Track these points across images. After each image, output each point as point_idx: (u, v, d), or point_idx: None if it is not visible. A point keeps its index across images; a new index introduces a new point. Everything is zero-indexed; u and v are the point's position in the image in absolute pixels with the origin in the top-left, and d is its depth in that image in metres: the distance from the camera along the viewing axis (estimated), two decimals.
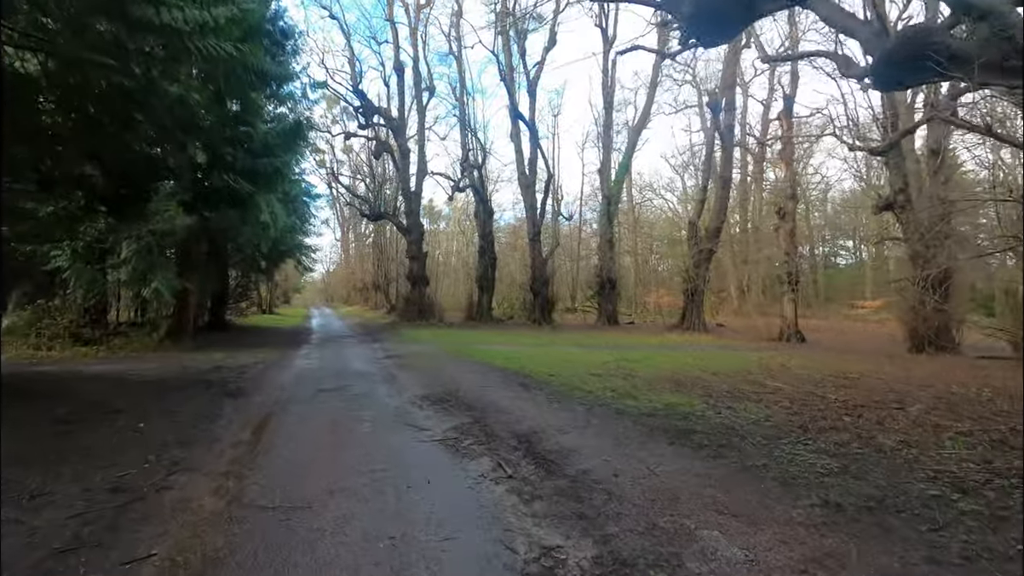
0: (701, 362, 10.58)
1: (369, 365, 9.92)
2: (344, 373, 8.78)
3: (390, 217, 27.03)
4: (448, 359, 10.57)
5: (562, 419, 5.20)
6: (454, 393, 6.71)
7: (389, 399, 6.49)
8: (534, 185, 26.90)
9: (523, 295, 30.77)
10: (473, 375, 8.25)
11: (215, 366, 9.90)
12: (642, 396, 6.36)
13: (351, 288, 51.96)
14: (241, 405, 6.17)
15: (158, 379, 8.16)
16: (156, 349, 12.88)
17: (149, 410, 5.81)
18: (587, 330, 22.70)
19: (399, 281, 35.96)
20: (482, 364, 9.62)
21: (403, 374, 8.54)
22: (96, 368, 9.45)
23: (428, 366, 9.49)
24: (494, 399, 6.24)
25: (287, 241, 18.74)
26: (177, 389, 7.24)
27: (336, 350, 13.06)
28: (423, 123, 25.20)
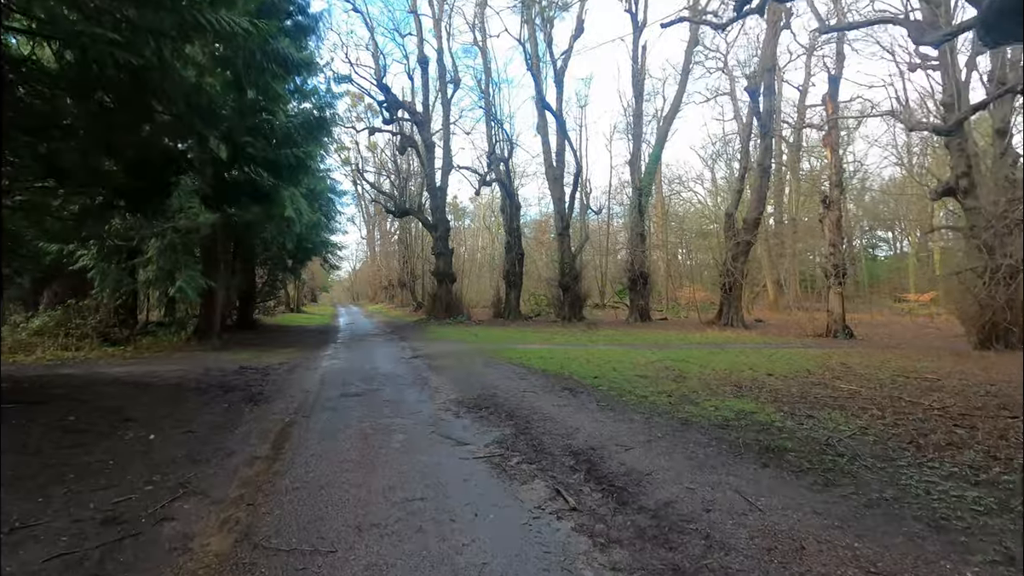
0: (752, 361, 9.74)
1: (397, 366, 9.38)
2: (372, 375, 8.25)
3: (415, 213, 26.60)
4: (480, 359, 9.96)
5: (620, 431, 4.50)
6: (491, 398, 6.07)
7: (421, 405, 5.89)
8: (562, 178, 26.11)
9: (552, 291, 30.04)
10: (510, 377, 7.61)
11: (239, 367, 9.51)
12: (704, 402, 5.61)
13: (377, 286, 52.02)
14: (261, 413, 5.66)
15: (178, 382, 7.76)
16: (182, 349, 12.64)
17: (163, 419, 5.34)
18: (620, 327, 21.85)
19: (425, 278, 35.63)
20: (518, 365, 8.97)
21: (434, 376, 7.95)
22: (118, 370, 9.15)
23: (460, 367, 8.89)
24: (538, 406, 5.58)
25: (312, 238, 18.43)
26: (196, 394, 6.80)
27: (363, 350, 12.60)
28: (448, 117, 24.67)
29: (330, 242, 21.62)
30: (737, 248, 21.92)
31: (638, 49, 24.96)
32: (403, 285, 36.98)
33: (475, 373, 8.13)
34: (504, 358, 9.97)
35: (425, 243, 37.57)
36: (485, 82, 25.92)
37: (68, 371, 9.07)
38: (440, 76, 24.51)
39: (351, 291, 74.19)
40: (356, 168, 27.33)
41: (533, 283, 33.60)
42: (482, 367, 8.85)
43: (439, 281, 24.23)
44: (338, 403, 6.06)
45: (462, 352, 11.37)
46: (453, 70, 24.99)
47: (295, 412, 5.65)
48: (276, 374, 8.64)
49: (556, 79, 25.32)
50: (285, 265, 21.90)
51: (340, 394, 6.64)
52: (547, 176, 26.46)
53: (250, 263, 20.08)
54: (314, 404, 6.04)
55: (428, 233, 38.70)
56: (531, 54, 24.26)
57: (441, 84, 24.65)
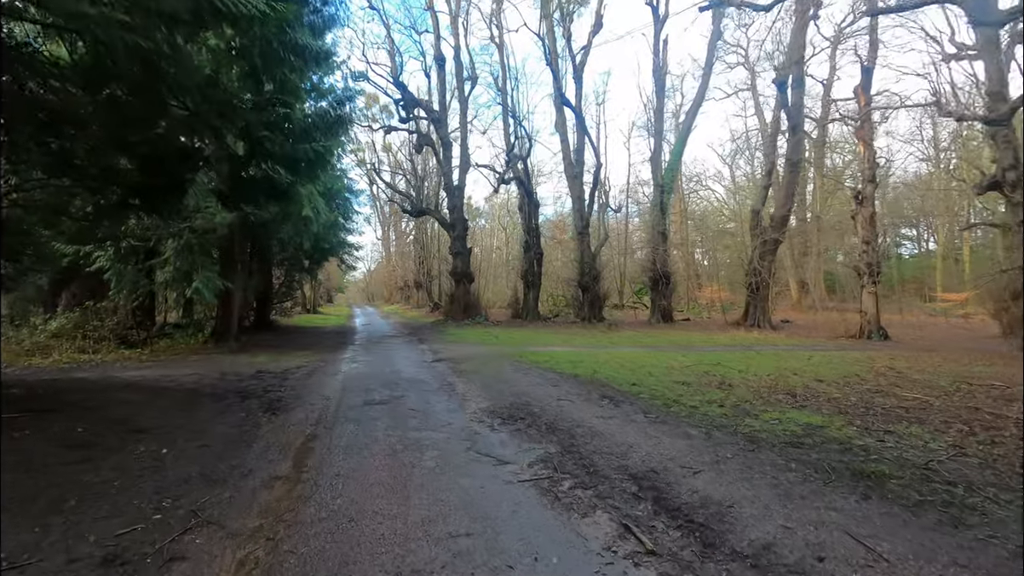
0: (792, 365, 9.15)
1: (420, 370, 8.96)
2: (394, 380, 7.84)
3: (432, 213, 26.25)
4: (506, 363, 9.50)
5: (679, 449, 4.01)
6: (526, 408, 5.61)
7: (451, 415, 5.45)
8: (581, 176, 25.59)
9: (571, 291, 29.50)
10: (542, 383, 7.14)
11: (256, 371, 9.18)
12: (762, 414, 5.08)
13: (392, 287, 51.91)
14: (280, 423, 5.26)
15: (194, 387, 7.43)
16: (199, 351, 12.39)
17: (176, 430, 4.97)
18: (642, 327, 21.27)
19: (441, 278, 35.32)
20: (547, 370, 8.49)
21: (460, 382, 7.51)
22: (133, 374, 8.87)
23: (486, 371, 8.45)
24: (579, 417, 5.10)
25: (329, 238, 18.17)
26: (212, 400, 6.44)
27: (382, 352, 12.22)
28: (465, 114, 24.27)
29: (347, 242, 21.36)
30: (764, 246, 21.22)
31: (659, 43, 24.35)
32: (419, 286, 36.72)
33: (503, 378, 7.68)
34: (530, 361, 9.50)
35: (441, 243, 37.28)
36: (502, 79, 25.50)
37: (82, 375, 8.81)
38: (457, 73, 24.16)
39: (366, 292, 74.33)
40: (372, 167, 27.10)
41: (551, 283, 33.09)
42: (509, 371, 8.39)
43: (457, 281, 23.85)
44: (362, 413, 5.65)
45: (485, 355, 10.93)
46: (470, 67, 24.62)
47: (316, 423, 5.24)
48: (294, 379, 8.27)
49: (575, 75, 24.81)
50: (302, 266, 21.70)
51: (363, 402, 6.23)
52: (566, 174, 25.96)
53: (267, 264, 19.89)
54: (336, 413, 5.63)
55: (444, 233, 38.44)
56: (550, 49, 23.77)
57: (458, 81, 24.29)
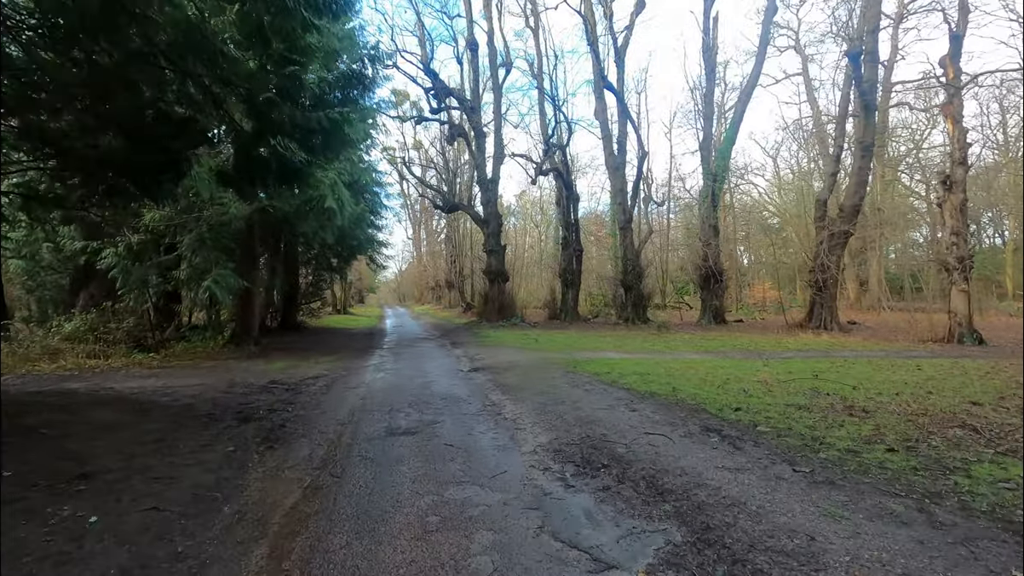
0: (906, 377, 7.38)
1: (456, 382, 7.53)
2: (425, 397, 6.42)
3: (465, 208, 24.91)
4: (557, 373, 7.98)
5: (900, 544, 2.41)
6: (605, 446, 4.08)
7: (502, 456, 3.97)
8: (623, 167, 23.81)
9: (612, 290, 27.72)
10: (612, 404, 5.58)
11: (269, 382, 7.94)
12: (973, 468, 3.41)
13: (424, 287, 51.04)
14: (274, 466, 3.89)
15: (189, 405, 6.18)
16: (215, 356, 11.33)
17: (135, 475, 3.65)
18: (693, 329, 19.39)
19: (474, 278, 34.03)
20: (611, 384, 6.92)
21: (507, 400, 6.03)
22: (131, 384, 7.74)
23: (535, 385, 6.94)
24: (690, 467, 3.54)
25: (357, 234, 17.02)
26: (201, 426, 5.15)
27: (412, 358, 10.87)
28: (499, 102, 22.86)
29: (376, 239, 20.22)
30: (832, 239, 19.09)
31: (709, 21, 22.39)
32: (451, 285, 35.54)
33: (560, 396, 6.15)
34: (587, 372, 7.94)
35: (474, 241, 36.02)
36: (538, 65, 23.97)
37: (75, 385, 7.73)
38: (491, 60, 22.74)
39: (397, 292, 73.97)
40: (403, 162, 25.97)
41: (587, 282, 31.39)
42: (564, 386, 6.86)
43: (491, 280, 22.45)
44: (382, 449, 4.22)
45: (529, 363, 9.43)
46: (505, 53, 23.16)
47: (321, 466, 3.84)
48: (308, 393, 6.96)
49: (616, 58, 23.05)
50: (330, 264, 20.69)
51: (385, 430, 4.81)
52: (606, 165, 24.23)
53: (293, 262, 18.93)
54: (349, 450, 4.22)
55: (476, 231, 37.17)
56: (590, 29, 22.12)
57: (492, 68, 22.87)
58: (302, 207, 12.13)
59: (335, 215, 11.70)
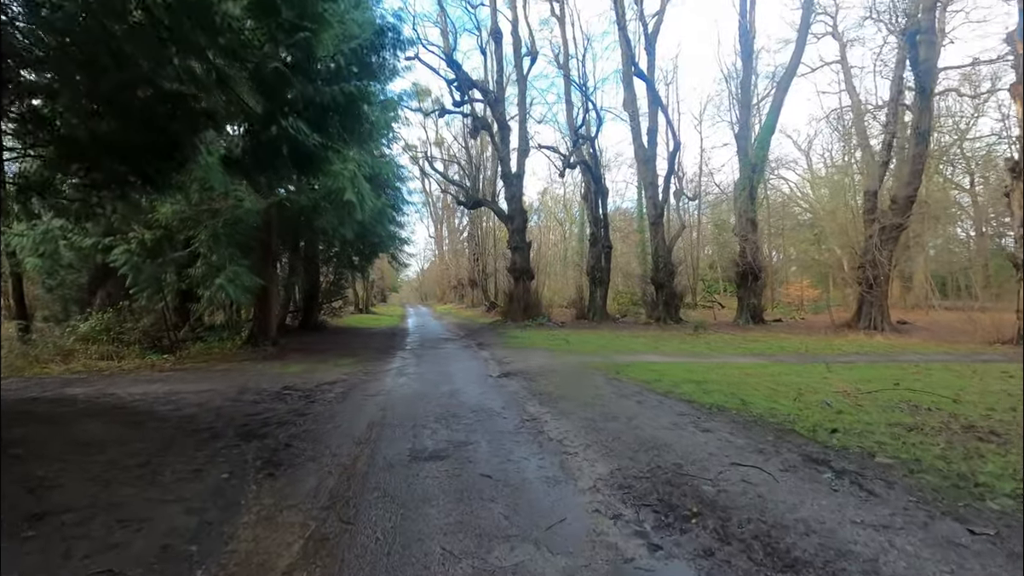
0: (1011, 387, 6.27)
1: (486, 390, 6.72)
2: (453, 409, 5.63)
3: (489, 204, 24.13)
4: (599, 380, 7.10)
5: None
6: (685, 482, 3.22)
7: (555, 494, 3.14)
8: (654, 159, 22.74)
9: (641, 289, 26.65)
10: (676, 422, 4.69)
11: (282, 388, 7.27)
12: None
13: (446, 286, 50.52)
14: (273, 503, 3.13)
15: (192, 416, 5.52)
16: (231, 358, 10.77)
17: (102, 513, 2.94)
18: (730, 329, 18.27)
19: (497, 276, 33.27)
20: (665, 394, 6.02)
21: (548, 415, 5.19)
22: (135, 390, 7.15)
23: (577, 395, 6.09)
24: (810, 516, 2.65)
25: (378, 231, 16.38)
26: (200, 443, 4.45)
27: (436, 361, 10.13)
28: (524, 94, 22.01)
29: (397, 236, 19.58)
30: (883, 234, 17.76)
31: (747, 2, 21.16)
32: (474, 284, 34.85)
33: (609, 410, 5.29)
34: (633, 379, 7.05)
35: (497, 238, 35.28)
36: (564, 54, 23.05)
37: (77, 390, 7.17)
38: (515, 49, 21.91)
39: (420, 291, 73.80)
40: (425, 156, 25.33)
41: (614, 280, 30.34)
42: (611, 396, 5.99)
43: (516, 279, 21.63)
44: (404, 480, 3.43)
45: (564, 367, 8.57)
46: (529, 42, 22.31)
47: (328, 503, 3.07)
48: (323, 402, 6.24)
49: (647, 45, 22.01)
50: (351, 262, 20.12)
51: (408, 453, 4.02)
52: (636, 157, 23.20)
53: (313, 260, 18.41)
54: (364, 481, 3.44)
55: (499, 228, 36.39)
56: (619, 14, 21.11)
57: (516, 58, 22.03)
58: (320, 201, 11.49)
59: (355, 209, 11.01)
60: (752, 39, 21.58)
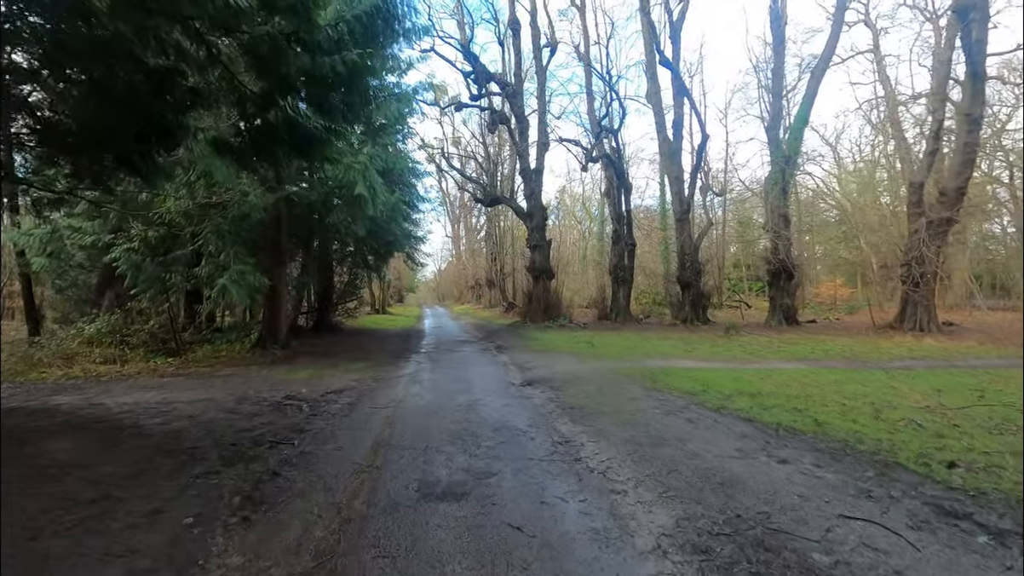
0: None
1: (508, 402, 5.96)
2: (471, 427, 4.88)
3: (507, 201, 23.35)
4: (636, 391, 6.28)
5: None
6: (781, 543, 2.41)
7: (608, 558, 2.36)
8: (680, 152, 21.74)
9: (666, 288, 25.64)
10: (747, 452, 3.85)
11: (285, 396, 6.61)
12: None
13: (463, 286, 49.94)
14: (241, 561, 2.41)
15: (176, 433, 4.86)
16: (238, 361, 10.20)
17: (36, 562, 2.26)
18: (764, 331, 17.21)
19: (515, 276, 32.51)
20: (717, 410, 5.17)
21: (584, 436, 4.40)
22: (127, 397, 6.56)
23: (613, 409, 5.29)
24: None
25: (392, 229, 15.75)
26: (178, 464, 3.78)
27: (453, 366, 9.40)
28: (543, 86, 21.17)
29: (413, 235, 18.95)
30: (931, 228, 16.53)
31: None
32: (491, 284, 34.15)
33: (656, 429, 4.48)
34: (674, 389, 6.21)
35: (515, 236, 34.53)
36: (585, 46, 22.18)
37: (64, 399, 6.60)
38: (534, 41, 21.12)
39: (437, 291, 73.45)
40: (442, 152, 24.67)
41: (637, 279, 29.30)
42: (655, 411, 5.17)
43: (535, 278, 20.83)
44: (410, 531, 2.68)
45: (594, 374, 7.76)
46: (549, 33, 21.51)
47: (312, 567, 2.34)
48: (326, 415, 5.54)
49: (672, 34, 21.02)
50: (366, 262, 19.54)
51: (417, 488, 3.28)
52: (660, 151, 22.24)
53: (327, 260, 17.86)
54: (361, 530, 2.69)
55: (517, 226, 35.61)
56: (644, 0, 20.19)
57: (535, 50, 21.24)
58: (330, 195, 10.88)
59: (367, 204, 10.35)
60: (784, 25, 20.47)
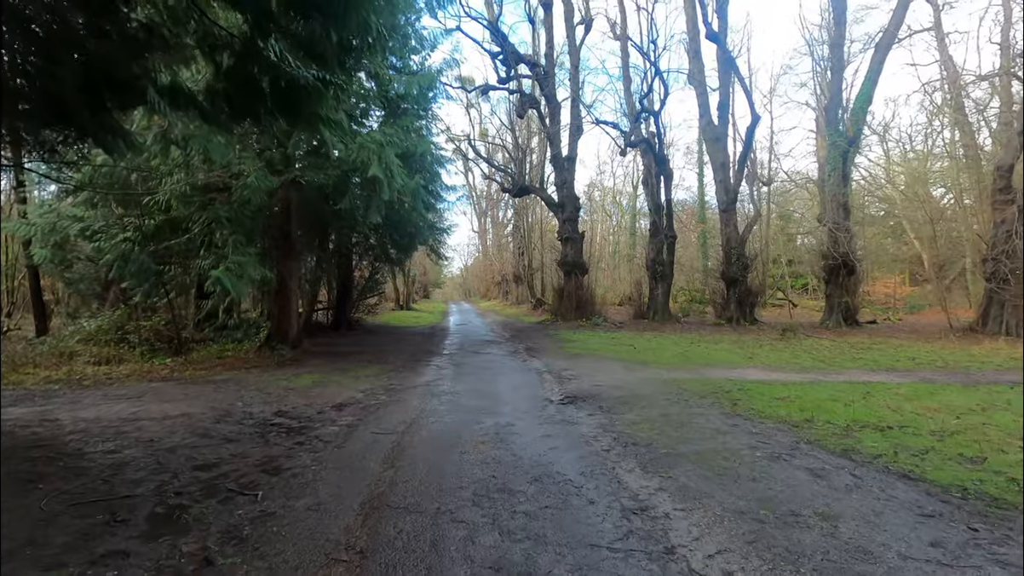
0: None
1: (550, 433, 4.63)
2: (503, 477, 3.56)
3: (537, 191, 21.95)
4: (716, 418, 4.85)
5: None
6: None
7: None
8: (725, 137, 19.97)
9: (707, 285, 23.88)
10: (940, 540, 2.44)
11: (275, 412, 5.47)
12: None
13: (489, 282, 48.79)
14: None
15: (118, 466, 3.72)
16: (240, 363, 9.16)
17: None
18: (822, 333, 15.40)
19: (544, 271, 31.12)
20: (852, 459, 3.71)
21: (668, 499, 3.04)
22: (90, 412, 5.49)
23: (698, 451, 3.90)
24: None
25: (414, 219, 14.59)
26: (79, 535, 2.59)
27: (478, 374, 8.14)
28: (577, 67, 19.68)
29: (436, 226, 17.74)
30: None
31: None
32: (518, 280, 32.82)
33: (772, 490, 3.09)
34: (765, 416, 4.76)
35: (544, 230, 33.11)
36: (622, 22, 20.56)
37: (17, 413, 5.56)
38: (566, 17, 19.63)
39: (463, 287, 72.70)
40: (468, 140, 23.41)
41: None
42: (755, 454, 3.76)
43: (566, 273, 19.42)
44: None
45: (649, 388, 6.36)
46: (583, 7, 19.99)
47: None
48: (316, 443, 4.32)
49: (717, 7, 19.24)
50: (388, 256, 18.44)
51: None
52: (704, 136, 20.51)
53: (346, 253, 16.82)
54: None
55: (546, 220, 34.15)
56: None
57: (567, 27, 19.75)
58: (344, 179, 9.72)
59: (381, 187, 9.15)
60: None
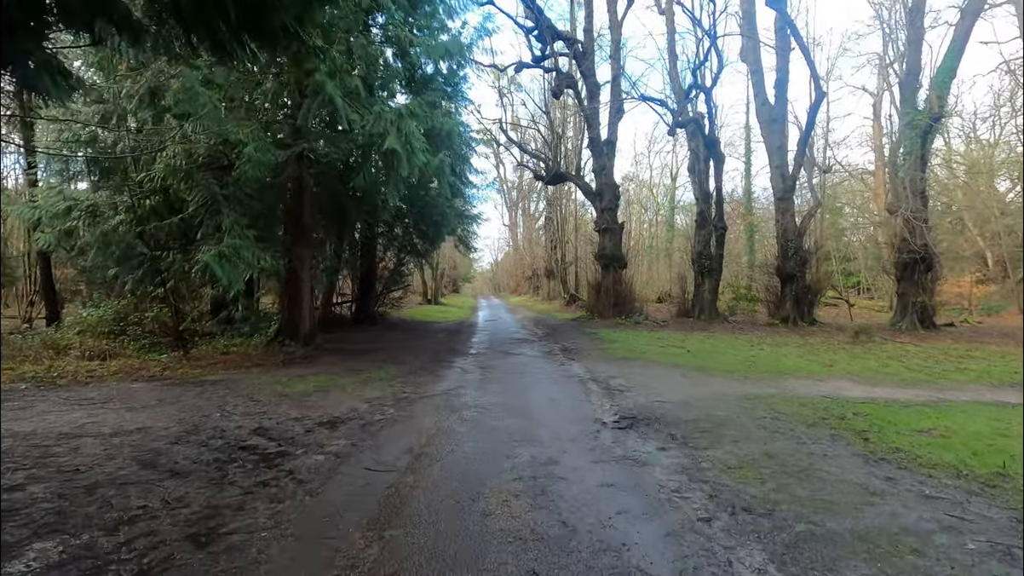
0: None
1: (612, 480, 3.29)
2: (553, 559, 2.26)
3: (573, 178, 20.47)
4: (847, 459, 3.42)
5: None
6: None
7: None
8: (782, 120, 18.05)
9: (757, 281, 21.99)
10: None
11: (254, 430, 4.34)
12: None
13: (520, 276, 47.48)
14: None
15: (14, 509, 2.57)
16: (244, 361, 8.13)
17: None
18: (896, 336, 13.51)
19: (577, 265, 29.60)
20: None
21: None
22: (25, 426, 4.44)
23: (855, 533, 2.51)
24: None
25: (440, 205, 13.40)
26: None
27: (508, 381, 6.84)
28: (618, 43, 18.07)
29: (465, 214, 16.51)
30: None
31: None
32: (550, 274, 31.38)
33: None
34: (923, 464, 3.31)
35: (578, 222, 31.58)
36: None
37: None
38: None
39: (493, 282, 71.77)
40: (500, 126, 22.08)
41: None
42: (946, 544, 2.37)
43: (604, 267, 17.91)
44: None
45: (729, 407, 4.94)
46: None
47: None
48: (284, 487, 3.10)
49: None
50: (414, 247, 17.36)
51: None
52: (758, 117, 18.60)
53: (370, 243, 15.79)
54: None
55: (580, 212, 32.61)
56: None
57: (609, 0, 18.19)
58: (364, 153, 8.56)
59: (400, 162, 7.95)
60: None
